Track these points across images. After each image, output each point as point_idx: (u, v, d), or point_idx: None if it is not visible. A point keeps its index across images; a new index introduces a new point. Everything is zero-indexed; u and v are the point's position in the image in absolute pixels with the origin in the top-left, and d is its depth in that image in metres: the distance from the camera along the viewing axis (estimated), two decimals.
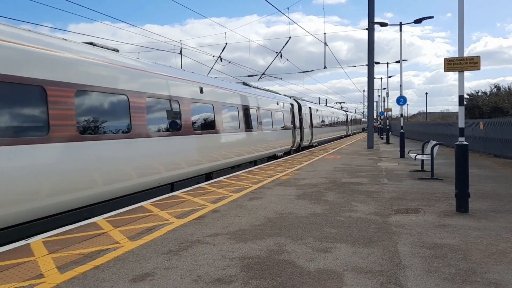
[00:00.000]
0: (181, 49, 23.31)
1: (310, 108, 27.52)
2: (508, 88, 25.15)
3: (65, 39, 7.51)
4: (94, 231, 5.82)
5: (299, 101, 25.46)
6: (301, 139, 24.11)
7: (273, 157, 18.79)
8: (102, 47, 8.56)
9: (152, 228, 5.93)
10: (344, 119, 49.08)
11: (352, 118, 60.62)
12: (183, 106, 10.63)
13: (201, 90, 11.69)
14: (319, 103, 53.53)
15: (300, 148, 24.34)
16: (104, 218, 6.65)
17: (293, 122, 22.37)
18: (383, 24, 22.24)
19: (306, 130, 25.35)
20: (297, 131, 23.08)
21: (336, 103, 72.69)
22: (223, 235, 5.56)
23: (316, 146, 28.57)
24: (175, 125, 10.26)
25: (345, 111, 57.50)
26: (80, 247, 5.03)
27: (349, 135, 52.78)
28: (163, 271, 4.23)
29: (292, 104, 23.00)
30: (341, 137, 44.61)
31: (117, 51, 9.13)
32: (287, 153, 21.60)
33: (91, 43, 8.44)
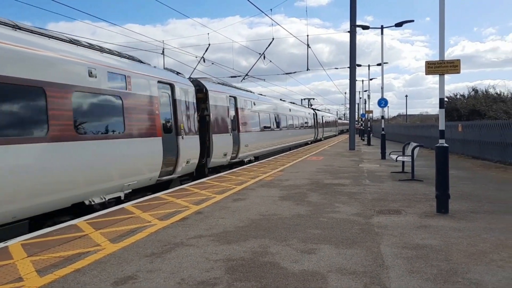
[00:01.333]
0: (163, 49, 23.10)
1: (235, 98, 16.43)
2: (486, 91, 25.76)
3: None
4: (74, 233, 5.71)
5: (205, 83, 14.13)
6: (206, 155, 13.55)
7: (81, 211, 7.60)
8: None
9: (134, 230, 5.84)
10: (311, 119, 37.21)
11: (324, 119, 48.83)
12: None
13: None
14: (301, 104, 44.21)
15: (206, 171, 13.60)
16: (84, 220, 6.53)
17: (174, 121, 11.12)
18: (365, 27, 22.55)
19: (219, 138, 14.26)
20: (192, 141, 12.11)
21: (304, 99, 54.58)
22: (207, 237, 5.52)
23: (251, 161, 17.95)
24: None
25: (313, 109, 43.49)
26: (60, 250, 4.92)
27: (320, 140, 42.01)
28: (146, 274, 4.17)
29: (170, 85, 11.21)
30: (306, 144, 33.82)
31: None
32: (153, 188, 10.17)
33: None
